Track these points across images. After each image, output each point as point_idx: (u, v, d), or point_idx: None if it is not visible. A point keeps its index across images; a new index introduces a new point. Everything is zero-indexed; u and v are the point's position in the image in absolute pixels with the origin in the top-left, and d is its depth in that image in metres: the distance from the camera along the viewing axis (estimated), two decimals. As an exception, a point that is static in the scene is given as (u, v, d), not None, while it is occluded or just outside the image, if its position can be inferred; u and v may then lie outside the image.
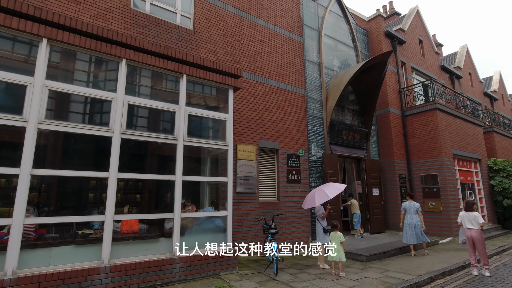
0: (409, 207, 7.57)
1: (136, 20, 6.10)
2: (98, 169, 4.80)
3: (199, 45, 7.02)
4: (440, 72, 15.15)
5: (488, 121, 15.61)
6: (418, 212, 7.45)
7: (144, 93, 5.45)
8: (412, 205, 7.54)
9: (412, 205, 7.55)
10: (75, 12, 5.31)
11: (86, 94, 4.47)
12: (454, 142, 11.17)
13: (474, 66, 19.35)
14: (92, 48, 4.41)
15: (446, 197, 10.16)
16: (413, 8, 14.45)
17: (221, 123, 5.98)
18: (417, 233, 7.31)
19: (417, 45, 13.90)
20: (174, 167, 5.17)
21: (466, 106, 13.12)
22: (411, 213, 7.49)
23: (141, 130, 5.54)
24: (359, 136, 10.32)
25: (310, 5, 10.26)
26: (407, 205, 7.64)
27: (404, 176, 10.98)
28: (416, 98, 11.75)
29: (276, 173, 8.03)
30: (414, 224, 7.35)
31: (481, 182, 12.62)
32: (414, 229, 7.32)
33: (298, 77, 9.08)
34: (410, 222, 7.42)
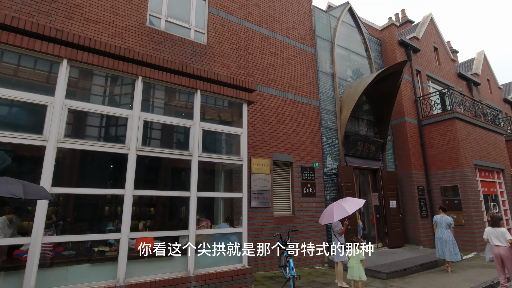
0: (440, 221, 7.37)
1: (151, 37, 6.22)
2: (114, 186, 4.83)
3: (212, 59, 7.08)
4: (457, 80, 14.77)
5: (510, 129, 15.04)
6: (450, 227, 7.20)
7: (159, 109, 5.50)
8: (444, 219, 7.33)
9: (444, 219, 7.33)
10: (94, 31, 5.45)
11: (103, 112, 4.54)
12: (474, 151, 10.77)
13: (492, 72, 18.81)
14: (109, 67, 4.49)
15: (469, 209, 9.74)
16: (426, 16, 14.25)
17: (235, 137, 5.95)
18: (449, 249, 7.04)
19: (432, 53, 13.64)
20: (189, 183, 5.14)
21: (486, 114, 12.69)
22: (442, 227, 7.27)
23: (156, 146, 5.57)
24: (374, 147, 10.09)
25: (322, 16, 10.25)
26: (438, 219, 7.45)
27: (423, 187, 10.62)
28: (433, 107, 11.45)
29: (290, 186, 7.90)
30: (445, 239, 7.10)
31: (505, 193, 12.07)
32: (445, 244, 7.07)
33: (312, 89, 9.01)
34: (441, 237, 7.21)
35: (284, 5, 9.09)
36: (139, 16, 6.13)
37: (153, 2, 6.56)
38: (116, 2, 5.87)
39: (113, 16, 5.74)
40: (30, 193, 3.05)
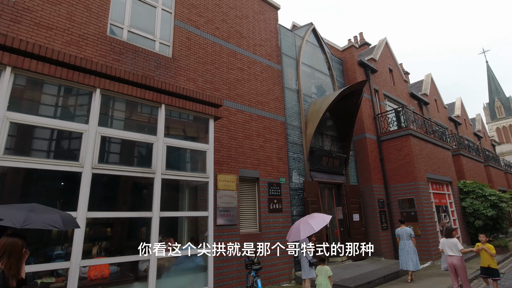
0: (401, 233, 7.79)
1: (112, 47, 5.88)
2: (65, 207, 4.35)
3: (178, 73, 6.88)
4: (410, 99, 16.00)
5: (455, 145, 16.50)
6: (411, 237, 7.61)
7: (119, 123, 5.15)
8: (405, 231, 7.78)
9: (405, 230, 7.79)
10: (46, 38, 5.01)
11: (53, 126, 4.11)
12: (427, 166, 11.58)
13: (439, 92, 20.72)
14: (63, 77, 4.12)
15: (424, 220, 10.34)
16: (382, 40, 15.40)
17: (201, 153, 5.75)
18: (412, 259, 7.46)
19: (388, 73, 14.68)
20: (151, 202, 4.82)
21: (435, 131, 13.81)
22: (404, 238, 7.69)
23: (115, 162, 5.17)
24: (338, 162, 10.42)
25: (288, 35, 10.58)
26: (399, 231, 7.88)
27: (383, 200, 11.11)
28: (390, 124, 12.20)
29: (257, 202, 7.79)
30: (407, 250, 7.54)
31: (453, 204, 13.06)
32: (407, 254, 7.50)
33: (278, 104, 9.13)
34: (404, 248, 7.64)
35: (251, 23, 9.23)
36: (99, 24, 5.79)
37: (114, 12, 6.25)
38: (73, 9, 5.49)
39: (68, 23, 5.35)
40: (68, 223, 2.90)
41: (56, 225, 2.72)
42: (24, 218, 2.60)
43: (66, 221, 2.86)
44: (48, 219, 2.70)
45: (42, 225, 2.65)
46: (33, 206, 2.81)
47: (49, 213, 2.76)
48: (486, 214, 12.01)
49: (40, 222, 2.65)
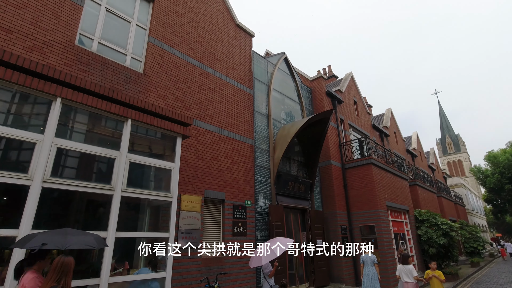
0: (366, 259, 8.04)
1: (79, 57, 5.68)
2: (5, 224, 3.91)
3: (148, 89, 6.77)
4: (372, 130, 17.02)
5: (412, 175, 17.60)
6: (375, 264, 7.83)
7: (80, 136, 4.86)
8: (369, 257, 8.04)
9: (369, 257, 8.04)
10: (4, 40, 4.72)
11: (1, 134, 3.77)
12: (387, 194, 12.15)
13: (398, 126, 22.30)
14: (20, 83, 3.86)
15: (383, 247, 10.67)
16: (348, 74, 16.49)
17: (165, 172, 5.56)
18: (373, 285, 7.63)
19: (353, 105, 15.61)
20: (107, 221, 4.50)
21: (394, 162, 14.68)
22: (368, 264, 7.91)
23: (70, 176, 4.81)
24: (304, 187, 10.59)
25: (261, 61, 10.96)
26: (364, 258, 8.18)
27: (345, 227, 11.36)
28: (354, 152, 12.79)
29: (221, 225, 7.58)
30: (371, 276, 7.76)
31: (410, 232, 13.69)
32: (371, 280, 7.65)
33: (247, 127, 9.24)
34: (368, 274, 7.90)
35: (226, 46, 9.47)
36: (67, 33, 5.59)
37: (86, 22, 6.10)
38: (40, 14, 5.27)
39: (33, 28, 5.11)
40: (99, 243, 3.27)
41: (92, 245, 3.09)
42: (65, 241, 2.90)
43: (98, 241, 3.24)
44: (84, 240, 3.09)
45: (81, 245, 3.02)
46: (67, 230, 3.12)
47: (82, 235, 3.17)
48: (439, 242, 12.71)
49: (79, 243, 3.02)
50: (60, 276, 2.70)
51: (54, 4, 5.53)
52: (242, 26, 10.30)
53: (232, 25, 10.00)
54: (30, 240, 2.92)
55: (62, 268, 2.73)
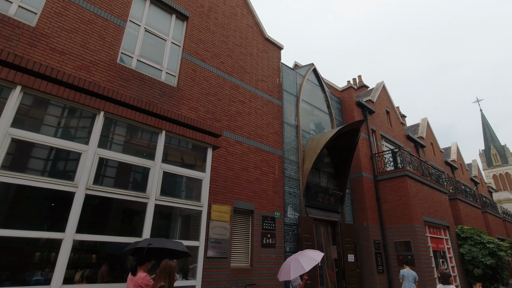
0: (407, 274, 7.79)
1: (120, 74, 6.14)
2: (52, 228, 4.26)
3: (181, 102, 7.10)
4: (406, 141, 16.29)
5: (452, 189, 16.47)
6: (415, 282, 7.63)
7: (118, 146, 5.21)
8: (410, 273, 7.81)
9: (410, 273, 7.80)
10: (58, 62, 5.26)
11: (53, 144, 4.17)
12: (423, 208, 11.47)
13: (435, 136, 21.13)
14: (70, 98, 4.26)
15: (421, 265, 10.01)
16: (379, 83, 16.05)
17: (196, 181, 5.74)
18: None
19: (385, 115, 15.11)
20: (141, 228, 4.73)
21: (432, 174, 13.87)
22: (410, 281, 7.57)
23: (109, 185, 5.14)
24: (334, 199, 10.34)
25: (289, 73, 11.06)
26: (405, 273, 7.86)
27: (379, 242, 10.85)
28: (387, 164, 12.30)
29: (250, 236, 7.60)
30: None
31: (451, 249, 12.73)
32: None
33: (276, 138, 9.29)
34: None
35: (255, 59, 9.71)
36: (110, 52, 6.10)
37: (127, 42, 6.62)
38: (88, 37, 5.82)
39: (82, 49, 5.64)
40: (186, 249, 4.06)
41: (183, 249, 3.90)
42: (164, 243, 3.77)
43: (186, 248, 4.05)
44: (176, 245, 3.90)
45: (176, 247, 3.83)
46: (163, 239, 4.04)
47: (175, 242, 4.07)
48: (485, 263, 11.67)
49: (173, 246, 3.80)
50: (166, 276, 3.35)
51: (100, 27, 6.07)
52: (271, 39, 10.52)
53: (261, 39, 10.25)
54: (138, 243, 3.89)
55: (167, 269, 3.39)
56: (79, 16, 5.81)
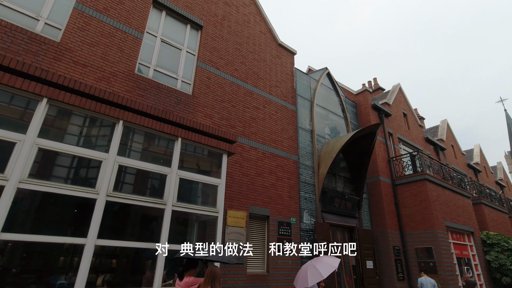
0: (426, 282, 7.73)
1: (138, 84, 6.36)
2: (75, 233, 4.44)
3: (196, 109, 7.25)
4: (425, 144, 15.83)
5: (475, 193, 15.82)
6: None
7: (136, 153, 5.37)
8: (429, 281, 7.67)
9: (429, 281, 7.68)
10: (81, 74, 5.51)
11: (76, 153, 4.36)
12: (445, 213, 11.08)
13: (455, 139, 20.42)
14: (91, 109, 4.46)
15: (444, 272, 9.64)
16: (396, 85, 15.75)
17: (212, 188, 5.82)
18: None
19: (402, 118, 14.77)
20: (159, 233, 4.83)
21: (453, 177, 13.39)
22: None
23: (128, 191, 5.31)
24: (351, 204, 10.17)
25: (303, 78, 11.06)
26: (423, 281, 7.80)
27: (399, 248, 10.54)
28: (405, 168, 11.99)
29: (266, 242, 7.59)
30: None
31: (476, 256, 12.19)
32: None
33: (291, 144, 9.28)
34: None
35: (269, 65, 9.78)
36: (129, 63, 6.33)
37: (144, 52, 6.85)
38: (108, 50, 6.07)
39: (102, 62, 5.89)
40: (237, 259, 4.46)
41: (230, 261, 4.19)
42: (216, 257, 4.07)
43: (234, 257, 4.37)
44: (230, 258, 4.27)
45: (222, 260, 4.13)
46: None
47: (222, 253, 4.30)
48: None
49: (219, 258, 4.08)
50: (211, 281, 3.55)
51: (119, 40, 6.32)
52: (284, 45, 10.58)
53: (274, 45, 10.33)
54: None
55: (212, 274, 3.59)
56: (100, 30, 6.08)
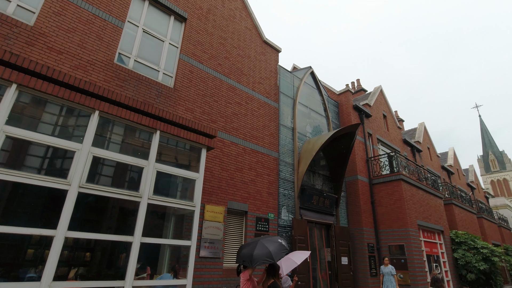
0: (385, 270, 8.97)
1: (117, 74, 6.20)
2: (45, 225, 4.31)
3: (177, 102, 7.16)
4: (403, 145, 16.37)
5: (447, 194, 16.55)
6: (394, 275, 8.73)
7: (113, 145, 5.26)
8: (388, 269, 8.92)
9: (389, 269, 8.93)
10: (55, 61, 5.32)
11: (48, 142, 4.22)
12: (418, 212, 11.53)
13: (432, 141, 21.22)
14: (65, 98, 4.32)
15: (414, 269, 10.06)
16: (377, 87, 16.15)
17: (190, 181, 5.80)
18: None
19: (382, 119, 15.19)
20: (134, 226, 4.77)
21: (427, 178, 13.94)
22: (388, 274, 8.86)
23: (104, 183, 5.20)
24: (328, 202, 10.40)
25: (287, 76, 11.14)
26: (383, 269, 9.03)
27: (373, 245, 10.90)
28: (382, 167, 12.37)
29: (243, 237, 7.65)
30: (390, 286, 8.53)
31: (445, 254, 12.79)
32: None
33: (272, 140, 9.35)
34: (388, 285, 8.64)
35: (253, 62, 9.79)
36: (108, 52, 6.17)
37: (124, 42, 6.68)
38: (86, 37, 5.89)
39: (79, 49, 5.71)
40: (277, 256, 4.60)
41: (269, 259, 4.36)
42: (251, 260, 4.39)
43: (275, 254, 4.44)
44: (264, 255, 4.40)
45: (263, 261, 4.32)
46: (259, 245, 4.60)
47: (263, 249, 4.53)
48: (479, 268, 11.74)
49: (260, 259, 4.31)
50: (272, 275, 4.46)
51: (99, 27, 6.14)
52: (269, 42, 10.60)
53: (259, 41, 10.34)
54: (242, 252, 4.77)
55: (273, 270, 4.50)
56: (77, 16, 5.88)
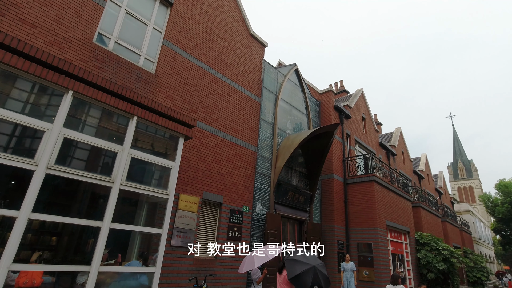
0: (346, 267, 9.41)
1: (95, 54, 5.99)
2: (9, 206, 4.13)
3: (157, 89, 7.03)
4: (379, 148, 16.92)
5: (416, 197, 17.33)
6: (353, 271, 9.20)
7: (86, 128, 5.10)
8: (349, 266, 9.40)
9: (349, 265, 9.40)
10: (28, 34, 5.05)
11: (16, 120, 4.03)
12: (387, 213, 12.03)
13: (406, 146, 22.07)
14: (36, 74, 4.12)
15: (379, 267, 10.53)
16: (359, 90, 16.54)
17: (165, 170, 5.74)
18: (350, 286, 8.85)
19: (361, 121, 15.61)
20: (104, 212, 4.68)
21: (399, 181, 14.53)
22: (348, 270, 9.33)
23: (74, 167, 5.04)
24: (303, 198, 10.62)
25: (271, 71, 11.17)
26: (345, 265, 9.49)
27: (342, 242, 11.28)
28: (358, 168, 12.75)
29: (217, 228, 7.69)
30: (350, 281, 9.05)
31: (409, 254, 13.45)
32: (348, 285, 8.98)
33: (252, 134, 9.39)
34: (349, 280, 9.17)
35: (238, 54, 9.73)
36: (87, 31, 5.93)
37: (105, 22, 6.44)
38: (63, 12, 5.62)
39: (55, 24, 5.45)
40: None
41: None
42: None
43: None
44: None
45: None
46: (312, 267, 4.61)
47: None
48: (438, 268, 12.44)
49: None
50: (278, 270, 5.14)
51: (78, 4, 5.88)
52: (256, 36, 10.57)
53: (246, 34, 10.28)
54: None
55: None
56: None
